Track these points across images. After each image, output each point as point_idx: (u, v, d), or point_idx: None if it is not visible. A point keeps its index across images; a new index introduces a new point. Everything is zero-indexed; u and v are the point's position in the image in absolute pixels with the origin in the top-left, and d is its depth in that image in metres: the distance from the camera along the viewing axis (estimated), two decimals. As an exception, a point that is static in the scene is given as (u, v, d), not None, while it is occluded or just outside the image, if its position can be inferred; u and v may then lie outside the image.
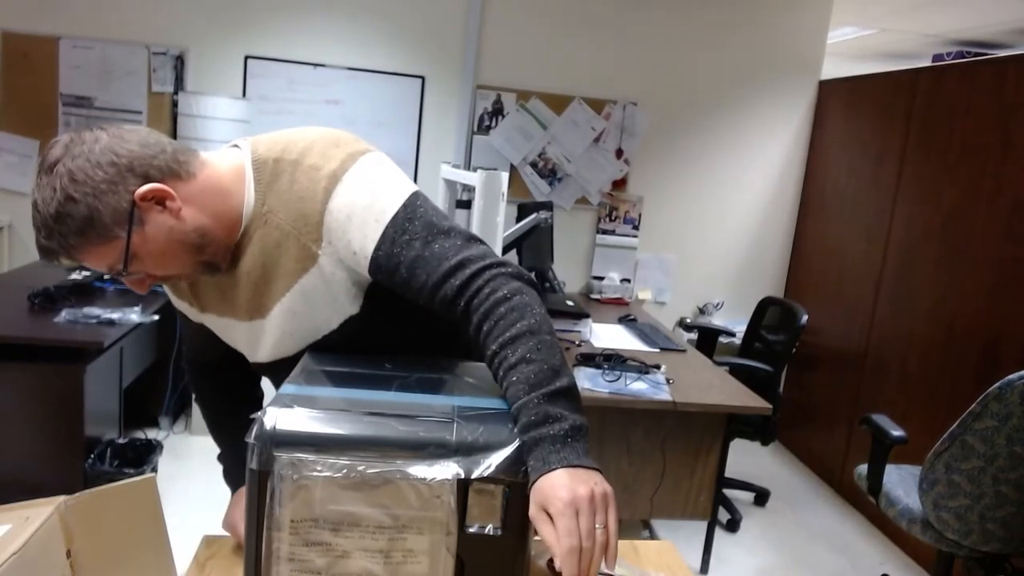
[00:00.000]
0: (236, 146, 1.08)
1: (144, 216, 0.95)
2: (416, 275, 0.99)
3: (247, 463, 0.82)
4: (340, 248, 1.02)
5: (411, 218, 1.00)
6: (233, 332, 1.16)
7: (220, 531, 1.24)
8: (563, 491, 0.78)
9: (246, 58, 3.70)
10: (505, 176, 2.59)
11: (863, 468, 2.49)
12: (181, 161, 0.99)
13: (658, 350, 3.10)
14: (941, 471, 2.14)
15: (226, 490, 1.35)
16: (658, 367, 2.75)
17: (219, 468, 1.37)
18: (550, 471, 0.81)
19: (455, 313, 0.98)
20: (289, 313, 1.07)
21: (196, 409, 3.50)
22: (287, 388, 0.93)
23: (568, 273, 4.13)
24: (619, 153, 4.07)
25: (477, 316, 0.95)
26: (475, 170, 2.67)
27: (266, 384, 1.30)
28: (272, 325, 1.09)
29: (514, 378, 0.89)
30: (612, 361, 2.74)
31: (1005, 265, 2.81)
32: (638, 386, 2.57)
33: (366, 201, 1.00)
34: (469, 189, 3.07)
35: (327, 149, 1.03)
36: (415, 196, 1.03)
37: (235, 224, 1.04)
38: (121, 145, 0.94)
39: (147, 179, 0.95)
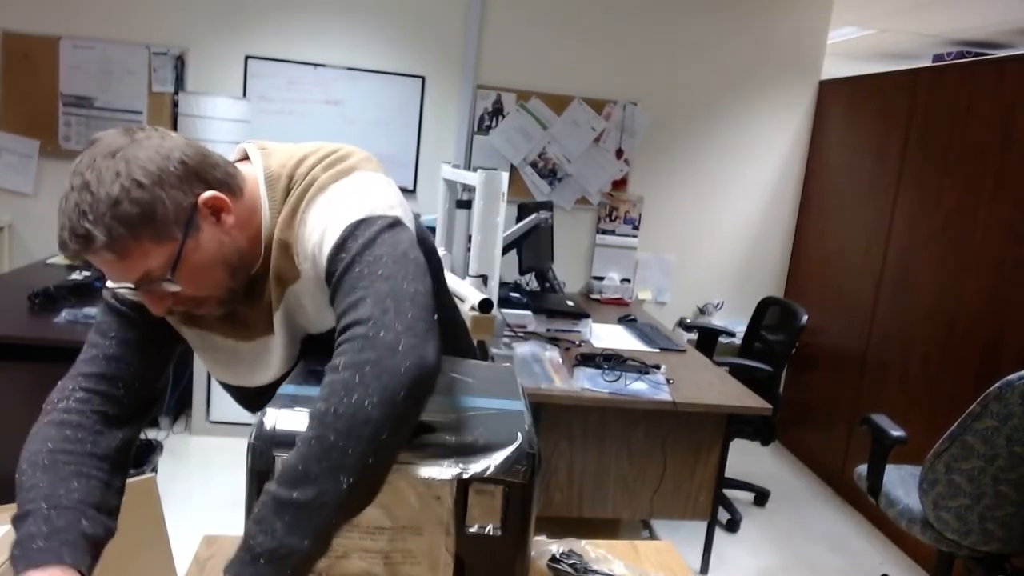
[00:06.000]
0: (245, 152, 1.06)
1: (201, 223, 0.92)
2: (336, 295, 0.91)
3: (247, 463, 0.81)
4: (310, 260, 0.98)
5: (357, 236, 0.92)
6: (235, 355, 1.11)
7: (220, 531, 1.24)
8: None
9: (246, 58, 3.70)
10: (505, 176, 2.59)
11: (863, 468, 2.48)
12: (231, 174, 0.97)
13: (658, 350, 3.10)
14: (941, 471, 2.14)
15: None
16: (658, 367, 2.75)
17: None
18: None
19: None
20: (287, 318, 1.05)
21: (196, 409, 3.50)
22: (287, 388, 0.92)
23: (568, 273, 4.13)
24: (619, 153, 4.07)
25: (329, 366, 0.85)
26: (475, 170, 2.67)
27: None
28: (278, 337, 1.07)
29: (283, 456, 0.81)
30: (612, 361, 2.74)
31: (1005, 265, 2.80)
32: (638, 386, 2.57)
33: (328, 214, 0.95)
34: (469, 189, 3.07)
35: (332, 162, 1.01)
36: (388, 220, 0.94)
37: (258, 248, 1.01)
38: (189, 146, 0.92)
39: (208, 187, 0.93)
